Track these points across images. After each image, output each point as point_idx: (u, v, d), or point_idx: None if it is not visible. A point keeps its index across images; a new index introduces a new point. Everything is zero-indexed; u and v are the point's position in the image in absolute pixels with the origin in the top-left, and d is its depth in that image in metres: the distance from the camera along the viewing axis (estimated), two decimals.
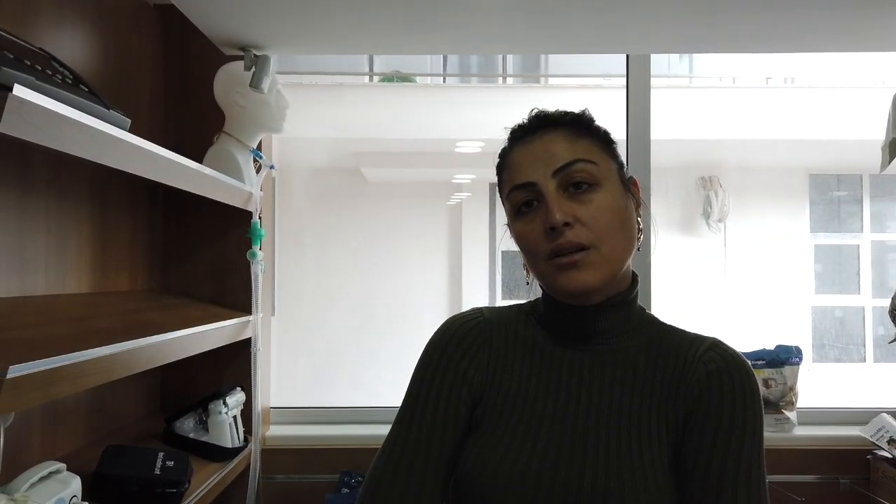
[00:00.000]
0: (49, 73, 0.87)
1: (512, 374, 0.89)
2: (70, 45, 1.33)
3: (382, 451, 0.88)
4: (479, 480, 0.81)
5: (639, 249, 0.89)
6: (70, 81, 0.92)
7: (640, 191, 0.92)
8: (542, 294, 0.92)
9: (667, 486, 0.78)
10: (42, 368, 0.78)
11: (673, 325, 0.92)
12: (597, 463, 0.79)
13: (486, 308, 0.97)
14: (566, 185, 0.83)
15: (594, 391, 0.85)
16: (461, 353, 0.90)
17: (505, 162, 0.91)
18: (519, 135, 0.90)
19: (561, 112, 0.89)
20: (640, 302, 0.91)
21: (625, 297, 0.87)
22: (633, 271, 0.91)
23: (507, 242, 0.92)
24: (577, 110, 0.90)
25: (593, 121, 0.90)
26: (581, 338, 0.88)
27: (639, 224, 0.89)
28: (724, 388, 0.80)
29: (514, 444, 0.82)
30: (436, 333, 0.94)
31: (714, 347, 0.85)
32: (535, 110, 0.91)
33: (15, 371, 0.72)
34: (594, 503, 0.76)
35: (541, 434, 0.83)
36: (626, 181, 0.89)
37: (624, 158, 1.83)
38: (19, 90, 0.74)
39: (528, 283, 0.94)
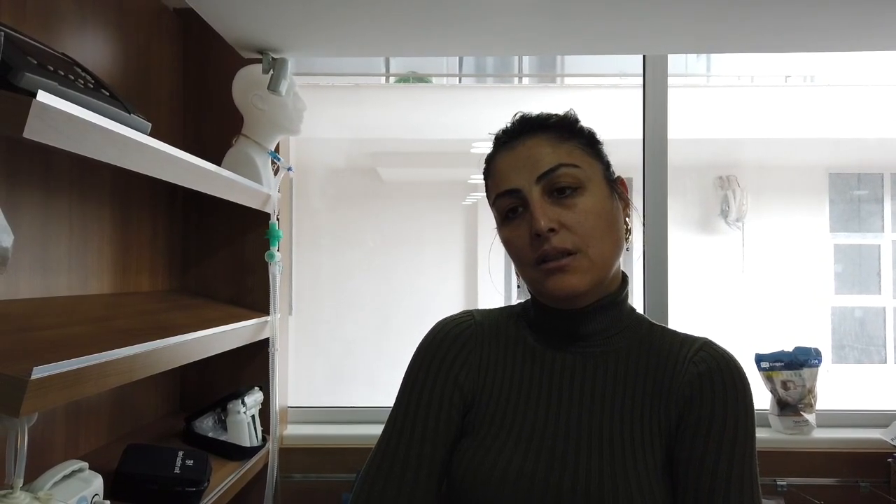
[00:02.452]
0: (71, 79, 0.89)
1: (503, 377, 0.88)
2: (91, 49, 1.35)
3: (374, 456, 0.87)
4: (473, 484, 0.81)
5: (627, 250, 0.88)
6: (92, 86, 0.94)
7: (628, 190, 0.91)
8: (531, 297, 0.92)
9: (660, 488, 0.77)
10: (66, 369, 0.79)
11: (663, 325, 0.91)
12: (589, 465, 0.79)
13: (477, 310, 0.96)
14: (550, 190, 0.83)
15: (585, 393, 0.84)
16: (452, 356, 0.90)
17: (490, 168, 0.90)
18: (503, 140, 0.89)
19: (545, 115, 0.88)
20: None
21: (614, 298, 0.87)
22: (622, 272, 0.90)
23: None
24: (561, 112, 0.89)
25: (577, 121, 0.89)
26: (570, 340, 0.87)
27: (627, 224, 0.88)
28: (715, 389, 0.80)
29: (507, 448, 0.82)
30: (426, 336, 0.94)
31: (705, 348, 0.84)
32: (519, 114, 0.90)
33: (39, 372, 0.73)
34: None
35: (533, 437, 0.82)
36: (612, 181, 0.88)
37: (641, 158, 1.85)
38: (43, 96, 0.75)
39: (518, 287, 0.93)
